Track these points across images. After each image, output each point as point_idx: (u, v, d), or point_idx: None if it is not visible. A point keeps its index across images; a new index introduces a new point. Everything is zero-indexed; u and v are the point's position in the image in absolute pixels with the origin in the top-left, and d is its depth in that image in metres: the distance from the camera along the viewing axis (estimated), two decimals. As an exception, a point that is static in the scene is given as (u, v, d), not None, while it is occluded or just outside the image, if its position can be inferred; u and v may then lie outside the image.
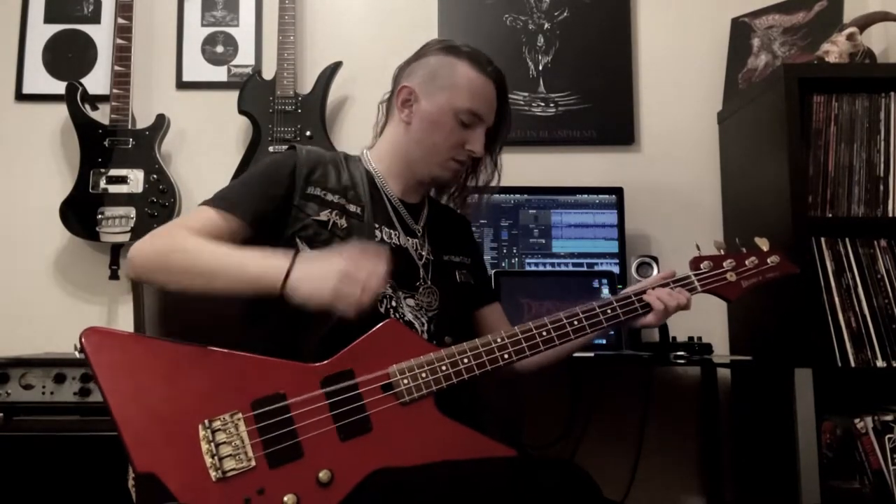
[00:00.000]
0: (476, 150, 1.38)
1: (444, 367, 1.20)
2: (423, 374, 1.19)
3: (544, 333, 1.27)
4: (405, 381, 1.18)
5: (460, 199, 1.52)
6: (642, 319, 1.35)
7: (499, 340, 1.25)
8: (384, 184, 1.41)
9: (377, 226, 1.34)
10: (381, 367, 1.19)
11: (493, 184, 1.50)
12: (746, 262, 1.40)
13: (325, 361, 1.18)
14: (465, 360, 1.22)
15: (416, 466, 1.12)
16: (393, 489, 1.10)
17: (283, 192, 1.31)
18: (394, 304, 1.31)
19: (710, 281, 1.39)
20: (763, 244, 1.43)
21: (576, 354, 1.78)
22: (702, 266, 1.39)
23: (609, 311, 1.33)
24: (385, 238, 1.35)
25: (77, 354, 1.83)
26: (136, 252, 1.23)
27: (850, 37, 1.95)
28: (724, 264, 1.40)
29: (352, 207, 1.33)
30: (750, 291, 1.39)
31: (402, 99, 1.39)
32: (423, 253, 1.40)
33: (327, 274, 1.12)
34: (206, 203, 1.30)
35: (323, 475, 1.09)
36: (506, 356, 1.25)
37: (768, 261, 1.41)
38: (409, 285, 1.35)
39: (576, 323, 1.30)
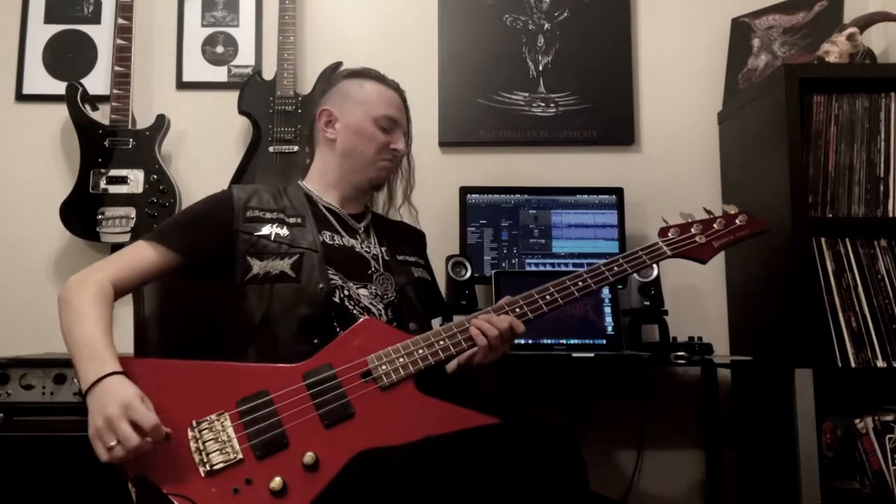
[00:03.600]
0: (400, 147, 1.50)
1: (420, 351, 1.25)
2: (401, 359, 1.24)
3: (517, 310, 1.31)
4: (383, 367, 1.23)
5: (391, 208, 1.63)
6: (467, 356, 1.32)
7: (472, 320, 1.29)
8: (321, 198, 1.50)
9: (319, 230, 1.43)
10: (359, 357, 1.24)
11: (410, 185, 1.65)
12: (714, 225, 1.44)
13: (304, 361, 1.24)
14: (441, 342, 1.27)
15: (400, 445, 1.15)
16: (379, 467, 1.12)
17: (222, 224, 1.38)
18: (346, 293, 1.37)
19: (679, 245, 1.42)
20: (730, 209, 1.46)
21: (575, 354, 1.79)
22: (669, 234, 1.43)
23: (580, 282, 1.36)
24: (327, 240, 1.42)
25: (74, 381, 1.85)
26: (61, 291, 1.27)
27: (851, 37, 1.95)
28: (692, 229, 1.43)
29: (291, 220, 1.42)
30: (722, 250, 1.43)
31: (324, 121, 1.52)
32: (371, 248, 1.47)
33: (99, 411, 1.08)
34: (142, 238, 1.37)
35: (308, 458, 1.12)
36: None
37: (737, 220, 1.44)
38: (359, 276, 1.41)
39: (547, 297, 1.33)
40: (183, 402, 1.16)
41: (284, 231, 1.39)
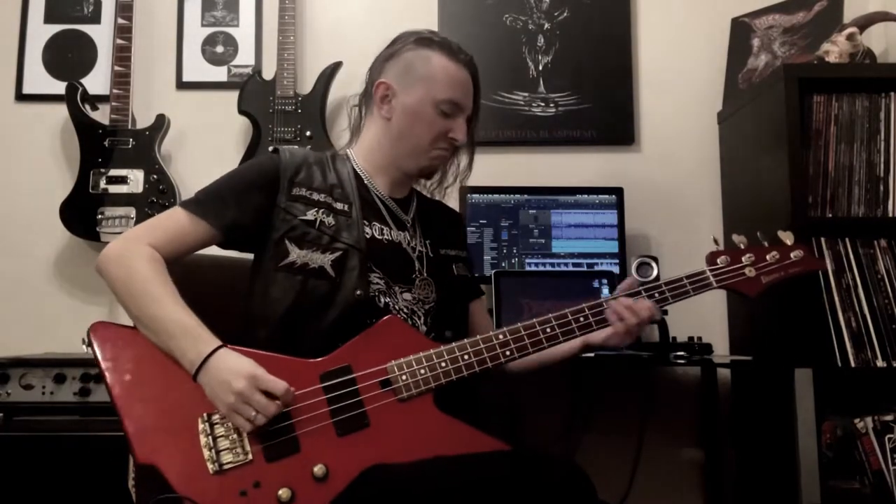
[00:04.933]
0: (459, 138, 1.38)
1: (443, 364, 1.20)
2: (422, 371, 1.19)
3: (548, 330, 1.26)
4: (403, 378, 1.19)
5: (439, 187, 1.52)
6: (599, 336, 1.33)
7: (500, 337, 1.24)
8: (371, 181, 1.40)
9: (366, 222, 1.34)
10: (380, 362, 1.19)
11: (468, 169, 1.51)
12: (767, 257, 1.33)
13: (324, 357, 1.19)
14: (466, 357, 1.22)
15: (411, 462, 1.13)
16: (388, 485, 1.10)
17: (265, 198, 1.30)
18: (388, 300, 1.31)
19: (726, 276, 1.32)
20: (787, 238, 1.36)
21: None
22: (718, 261, 1.33)
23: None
24: (376, 234, 1.35)
25: (84, 348, 1.82)
26: (103, 261, 1.24)
27: (850, 37, 1.94)
28: (743, 259, 1.33)
29: (339, 205, 1.33)
30: (771, 288, 1.33)
31: (380, 95, 1.39)
32: (417, 246, 1.40)
33: (227, 388, 1.10)
34: (182, 204, 1.30)
35: (318, 470, 1.10)
36: (507, 353, 1.24)
37: (791, 255, 1.34)
38: (404, 279, 1.35)
39: (581, 319, 1.28)
40: (195, 387, 1.13)
41: (330, 219, 1.31)
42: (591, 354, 1.80)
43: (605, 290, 1.98)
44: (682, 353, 1.88)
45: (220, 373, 1.11)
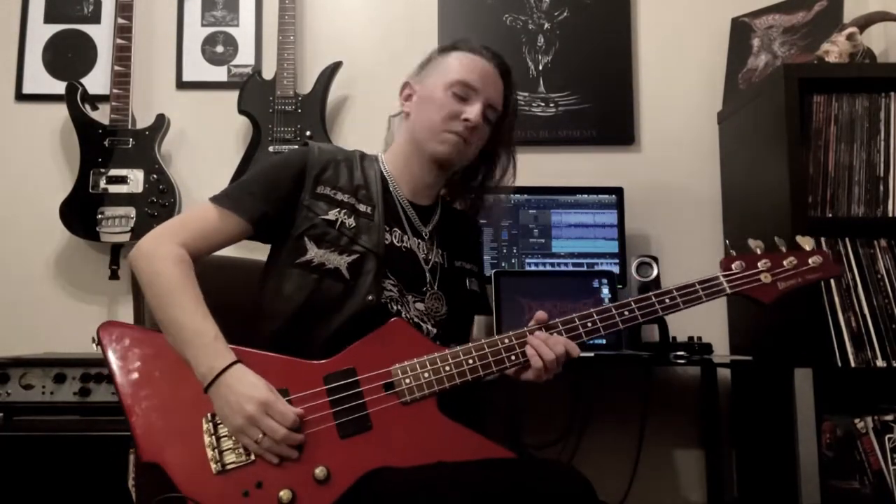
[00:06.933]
0: (472, 118, 1.34)
1: (447, 368, 1.19)
2: (426, 374, 1.19)
3: (555, 335, 1.24)
4: (407, 381, 1.18)
5: (472, 199, 1.52)
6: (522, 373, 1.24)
7: (506, 341, 1.22)
8: (396, 187, 1.41)
9: (387, 228, 1.34)
10: (384, 365, 1.19)
11: (508, 179, 1.51)
12: (784, 263, 1.30)
13: (329, 359, 1.19)
14: (470, 361, 1.20)
15: (413, 467, 1.12)
16: (389, 489, 1.10)
17: (290, 193, 1.31)
18: (399, 307, 1.30)
19: (741, 282, 1.28)
20: (806, 243, 1.32)
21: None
22: (733, 266, 1.29)
23: (626, 312, 1.27)
24: (395, 241, 1.34)
25: (94, 347, 1.83)
26: (134, 256, 1.25)
27: (850, 37, 1.95)
28: (759, 264, 1.29)
29: (362, 207, 1.34)
30: (787, 294, 1.28)
31: (404, 95, 1.44)
32: (431, 257, 1.39)
33: (237, 411, 1.11)
34: (212, 199, 1.31)
35: (319, 472, 1.10)
36: (513, 357, 1.22)
37: (809, 261, 1.30)
38: (416, 289, 1.34)
39: (589, 325, 1.25)
40: (200, 387, 1.14)
41: (351, 221, 1.31)
42: (591, 354, 1.81)
43: (605, 290, 1.98)
44: (682, 352, 1.88)
45: (232, 393, 1.12)
